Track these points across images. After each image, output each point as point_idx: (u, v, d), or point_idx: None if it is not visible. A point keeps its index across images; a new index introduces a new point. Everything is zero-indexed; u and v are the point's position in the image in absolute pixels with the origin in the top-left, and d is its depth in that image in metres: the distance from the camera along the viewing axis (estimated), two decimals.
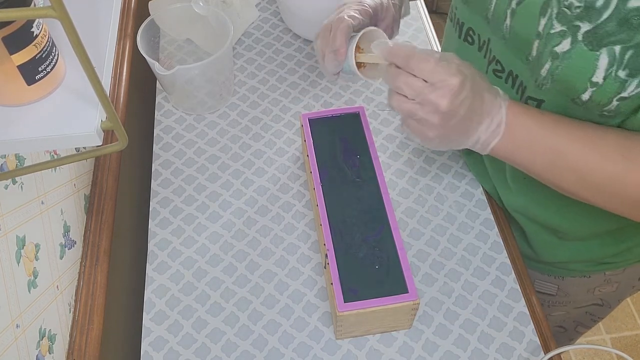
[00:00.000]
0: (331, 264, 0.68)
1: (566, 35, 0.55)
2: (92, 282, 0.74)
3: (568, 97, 0.59)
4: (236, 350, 0.71)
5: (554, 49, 0.57)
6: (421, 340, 0.72)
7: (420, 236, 0.81)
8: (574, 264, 0.83)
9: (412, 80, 0.56)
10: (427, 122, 0.57)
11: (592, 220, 0.73)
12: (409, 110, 0.57)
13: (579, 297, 0.89)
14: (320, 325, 0.73)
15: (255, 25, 1.09)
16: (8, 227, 0.57)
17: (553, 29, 0.56)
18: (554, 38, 0.56)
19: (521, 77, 0.65)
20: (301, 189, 0.86)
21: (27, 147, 0.47)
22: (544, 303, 0.93)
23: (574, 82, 0.56)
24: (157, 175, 0.88)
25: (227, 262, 0.79)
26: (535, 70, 0.60)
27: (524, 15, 0.60)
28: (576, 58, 0.55)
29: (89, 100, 0.48)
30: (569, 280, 0.86)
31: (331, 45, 0.65)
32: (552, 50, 0.57)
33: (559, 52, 0.56)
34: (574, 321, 0.96)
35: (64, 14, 0.38)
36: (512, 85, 0.66)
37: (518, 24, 0.61)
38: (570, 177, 0.59)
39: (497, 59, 0.67)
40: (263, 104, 0.97)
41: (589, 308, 0.92)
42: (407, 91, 0.57)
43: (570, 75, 0.56)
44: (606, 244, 0.78)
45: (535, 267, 0.87)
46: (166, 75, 0.85)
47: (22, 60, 0.45)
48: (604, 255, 0.80)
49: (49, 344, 0.62)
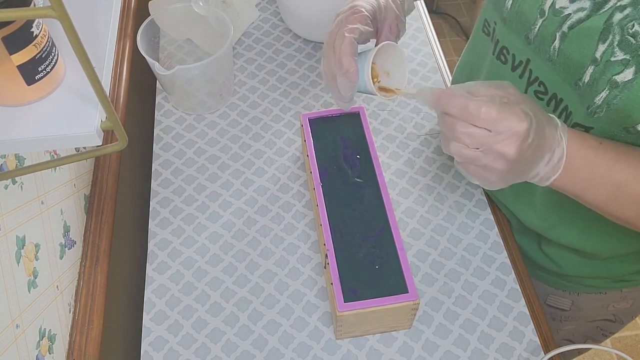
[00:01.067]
0: (331, 264, 0.68)
1: (629, 64, 0.52)
2: (92, 282, 0.74)
3: (621, 126, 0.56)
4: (236, 350, 0.71)
5: (614, 77, 0.54)
6: (421, 340, 0.72)
7: (420, 236, 0.81)
8: (591, 280, 0.81)
9: (474, 131, 0.51)
10: (492, 168, 0.52)
11: (619, 241, 0.71)
12: (472, 157, 0.52)
13: (592, 313, 0.87)
14: (320, 325, 0.73)
15: (255, 25, 1.09)
16: (8, 227, 0.57)
17: (614, 56, 0.54)
18: (615, 66, 0.54)
19: (567, 102, 0.61)
20: (301, 189, 0.86)
21: (27, 147, 0.47)
22: (556, 318, 0.90)
23: (633, 112, 0.54)
24: (157, 175, 0.88)
25: (227, 262, 0.79)
26: (588, 97, 0.58)
27: (578, 40, 0.57)
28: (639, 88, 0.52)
29: (89, 100, 0.48)
30: (584, 296, 0.84)
31: (339, 68, 0.61)
32: (612, 79, 0.54)
33: (620, 81, 0.53)
34: (583, 335, 0.94)
35: (63, 14, 0.38)
36: (555, 109, 0.63)
37: (570, 47, 0.58)
38: (632, 209, 0.56)
39: (541, 80, 0.64)
40: (263, 104, 0.97)
41: (601, 323, 0.90)
42: (468, 141, 0.51)
43: (630, 105, 0.53)
44: (627, 262, 0.76)
45: (550, 282, 0.85)
46: (166, 75, 0.85)
47: (22, 60, 0.45)
48: (623, 273, 0.78)
49: (49, 344, 0.62)
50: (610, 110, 0.56)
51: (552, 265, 0.82)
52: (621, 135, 0.57)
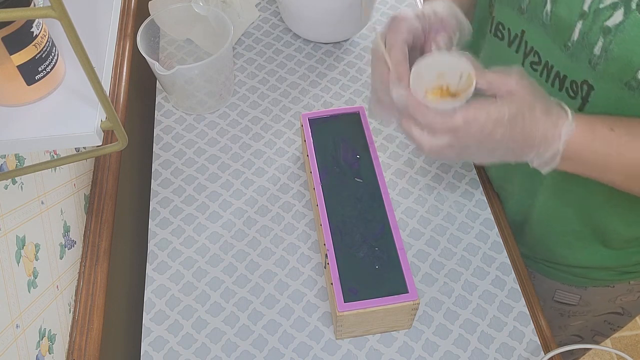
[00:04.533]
0: (331, 264, 0.68)
1: (618, 6, 0.53)
2: (92, 282, 0.74)
3: (622, 82, 0.56)
4: (236, 350, 0.71)
5: (605, 23, 0.54)
6: (421, 340, 0.72)
7: (420, 236, 0.81)
8: (598, 272, 0.80)
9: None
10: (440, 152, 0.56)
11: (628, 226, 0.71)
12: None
13: (600, 306, 0.87)
14: (320, 325, 0.73)
15: (255, 25, 1.09)
16: (8, 227, 0.57)
17: (602, 3, 0.54)
18: (604, 12, 0.54)
19: (557, 67, 0.62)
20: (301, 189, 0.86)
21: (27, 147, 0.47)
22: (564, 314, 0.90)
23: (630, 57, 0.54)
24: (157, 175, 0.88)
25: (227, 262, 0.79)
26: (582, 54, 0.58)
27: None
28: (631, 29, 0.53)
29: (89, 100, 0.48)
30: (591, 290, 0.84)
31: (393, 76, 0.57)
32: (603, 26, 0.54)
33: (611, 26, 0.54)
34: (591, 330, 0.94)
35: (63, 14, 0.38)
36: (548, 77, 0.64)
37: (561, 7, 0.58)
38: None
39: (535, 49, 0.64)
40: (263, 104, 0.97)
41: (608, 317, 0.89)
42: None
43: (625, 49, 0.54)
44: (634, 251, 0.76)
45: (557, 277, 0.85)
46: (166, 75, 0.85)
47: (22, 60, 0.45)
48: (629, 263, 0.78)
49: (49, 344, 0.62)
50: (609, 60, 0.56)
51: (558, 257, 0.81)
52: (625, 96, 0.57)
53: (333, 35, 1.02)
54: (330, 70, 1.01)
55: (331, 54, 1.04)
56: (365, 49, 1.04)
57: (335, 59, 1.03)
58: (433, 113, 0.54)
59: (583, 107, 0.61)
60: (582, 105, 0.61)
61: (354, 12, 0.98)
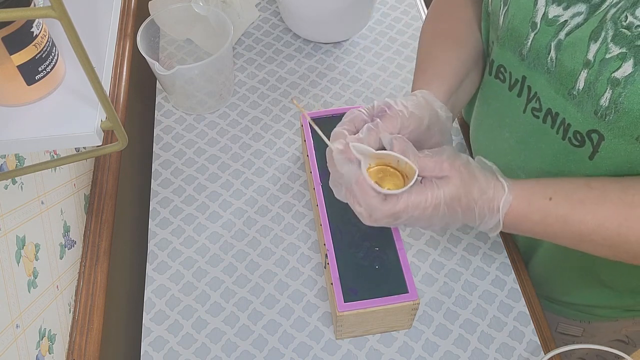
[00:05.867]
0: (331, 264, 0.68)
1: (627, 57, 0.51)
2: (92, 282, 0.74)
3: (633, 136, 0.54)
4: (236, 350, 0.71)
5: (613, 75, 0.52)
6: (421, 340, 0.72)
7: (420, 236, 0.81)
8: (602, 310, 0.80)
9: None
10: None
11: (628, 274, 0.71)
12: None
13: (604, 338, 0.86)
14: (320, 325, 0.73)
15: (255, 25, 1.09)
16: (8, 227, 0.57)
17: (609, 53, 0.52)
18: (611, 63, 0.52)
19: (563, 114, 0.60)
20: (301, 189, 0.86)
21: (27, 147, 0.47)
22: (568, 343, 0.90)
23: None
24: (157, 175, 0.88)
25: (227, 262, 0.79)
26: (588, 103, 0.56)
27: (572, 46, 0.55)
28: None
29: (89, 100, 0.48)
30: (595, 324, 0.84)
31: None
32: (611, 77, 0.52)
33: (620, 77, 0.52)
34: (596, 355, 0.92)
35: (63, 14, 0.38)
36: (553, 124, 0.62)
37: (565, 55, 0.56)
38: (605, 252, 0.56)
39: (538, 96, 0.62)
40: (263, 104, 0.97)
41: (613, 343, 0.88)
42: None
43: (636, 102, 0.52)
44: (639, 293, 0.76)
45: (560, 312, 0.84)
46: (166, 75, 0.85)
47: (22, 60, 0.45)
48: (635, 303, 0.78)
49: (49, 344, 0.62)
50: (619, 113, 0.54)
51: (561, 295, 0.82)
52: (635, 150, 0.55)
53: (333, 35, 1.03)
54: (330, 70, 1.01)
55: (331, 54, 1.04)
56: (366, 49, 1.04)
57: (335, 59, 1.03)
58: (377, 199, 0.55)
59: (593, 157, 0.60)
60: (592, 155, 0.60)
61: (354, 12, 0.98)
